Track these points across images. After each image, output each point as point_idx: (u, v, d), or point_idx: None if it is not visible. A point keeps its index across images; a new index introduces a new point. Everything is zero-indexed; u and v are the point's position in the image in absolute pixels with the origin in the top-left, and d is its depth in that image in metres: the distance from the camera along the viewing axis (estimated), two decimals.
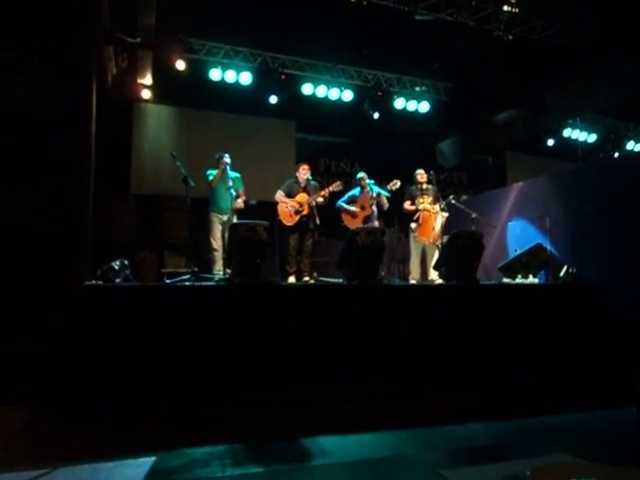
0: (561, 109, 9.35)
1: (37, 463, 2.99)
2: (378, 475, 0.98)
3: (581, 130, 11.17)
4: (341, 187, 6.83)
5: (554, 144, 11.15)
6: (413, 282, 6.79)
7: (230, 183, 6.26)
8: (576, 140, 11.20)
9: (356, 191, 7.19)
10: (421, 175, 7.16)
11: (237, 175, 6.64)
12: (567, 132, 11.06)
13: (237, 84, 8.74)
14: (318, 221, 6.73)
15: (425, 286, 6.08)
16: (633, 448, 2.39)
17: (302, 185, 6.80)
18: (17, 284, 4.84)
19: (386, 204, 7.06)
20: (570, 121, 10.93)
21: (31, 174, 5.22)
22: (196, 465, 3.01)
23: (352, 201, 7.11)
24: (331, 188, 6.73)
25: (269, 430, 3.65)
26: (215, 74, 8.57)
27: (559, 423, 3.81)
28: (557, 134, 11.02)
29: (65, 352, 4.01)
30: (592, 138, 11.32)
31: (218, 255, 6.41)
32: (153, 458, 3.08)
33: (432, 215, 6.83)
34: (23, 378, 4.08)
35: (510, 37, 7.54)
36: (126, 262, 4.78)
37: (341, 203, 7.11)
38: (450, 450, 2.46)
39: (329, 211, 7.10)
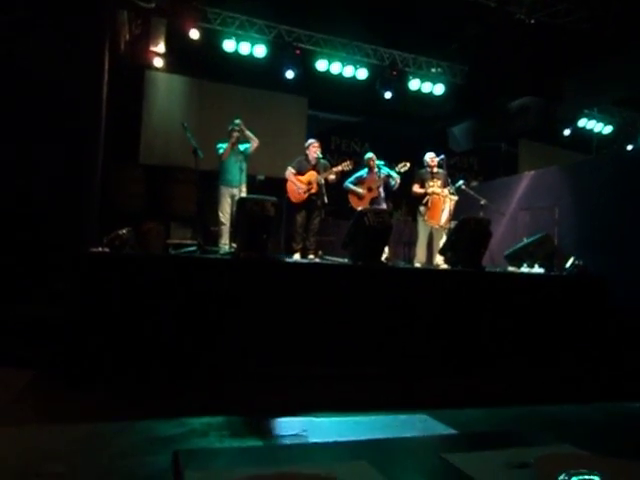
0: (579, 98, 9.17)
1: (38, 423, 3.04)
2: (380, 455, 0.98)
3: (597, 121, 10.95)
4: (351, 167, 6.79)
5: (569, 134, 10.97)
6: (418, 265, 6.77)
7: (240, 157, 6.24)
8: (591, 131, 11.01)
9: (364, 172, 7.13)
10: (431, 158, 7.08)
11: (246, 146, 6.60)
12: (582, 122, 10.84)
13: (251, 56, 8.62)
14: (326, 200, 6.70)
15: (430, 270, 6.06)
16: (635, 443, 2.39)
17: (312, 163, 6.75)
18: (24, 249, 4.85)
19: (396, 184, 6.98)
20: (586, 111, 10.74)
21: (40, 139, 5.20)
22: (194, 435, 3.04)
23: (359, 182, 7.05)
24: (341, 167, 6.69)
25: (268, 404, 3.68)
26: (229, 45, 8.44)
27: (559, 413, 3.82)
28: (572, 124, 10.82)
29: (69, 317, 4.04)
30: (608, 130, 11.11)
31: (225, 229, 6.41)
32: (152, 425, 3.11)
33: (441, 199, 6.78)
34: (28, 341, 4.12)
35: (532, 21, 7.36)
36: (132, 231, 4.78)
37: (348, 184, 7.06)
38: (449, 434, 2.49)
39: (338, 191, 7.06)
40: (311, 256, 6.59)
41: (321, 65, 9.05)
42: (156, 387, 3.82)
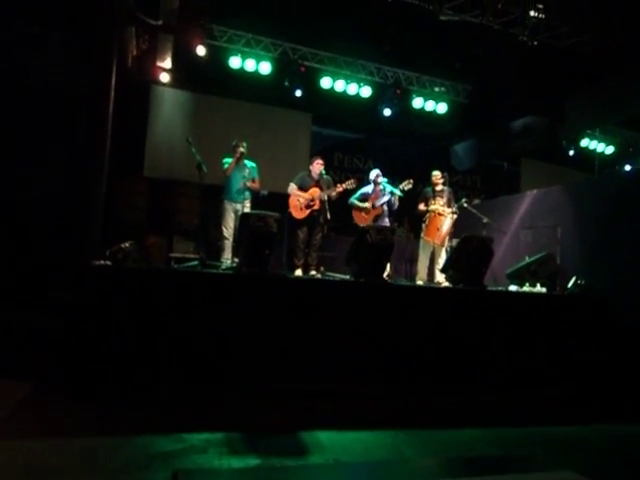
0: (581, 119, 9.24)
1: (38, 437, 3.03)
2: (380, 479, 0.97)
3: (599, 141, 11.03)
4: (354, 185, 6.82)
5: (571, 153, 11.03)
6: (420, 283, 6.77)
7: (245, 172, 6.29)
8: (594, 151, 11.07)
9: (369, 189, 7.17)
10: (436, 177, 7.12)
11: (253, 165, 6.64)
12: (585, 142, 10.92)
13: (256, 73, 8.73)
14: (329, 216, 6.73)
15: (432, 288, 6.06)
16: (634, 466, 2.36)
17: (315, 179, 6.78)
18: (28, 260, 4.87)
19: (396, 204, 7.04)
20: (589, 131, 10.81)
21: (46, 150, 5.25)
22: (193, 451, 3.02)
23: (364, 199, 7.08)
24: (345, 185, 6.72)
25: (267, 421, 3.66)
26: (235, 62, 8.56)
27: (559, 434, 3.79)
28: (575, 144, 10.89)
29: (72, 329, 4.04)
30: (610, 150, 11.19)
31: (228, 243, 6.42)
32: (151, 440, 3.10)
33: (438, 217, 6.80)
34: (29, 353, 4.11)
35: (535, 43, 7.44)
36: (135, 244, 4.79)
37: (353, 200, 7.09)
38: (450, 457, 2.45)
39: (340, 207, 7.09)
40: (313, 272, 6.59)
41: (325, 82, 9.15)
42: (156, 401, 3.80)
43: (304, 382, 4.29)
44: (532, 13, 7.16)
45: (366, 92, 9.38)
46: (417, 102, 9.70)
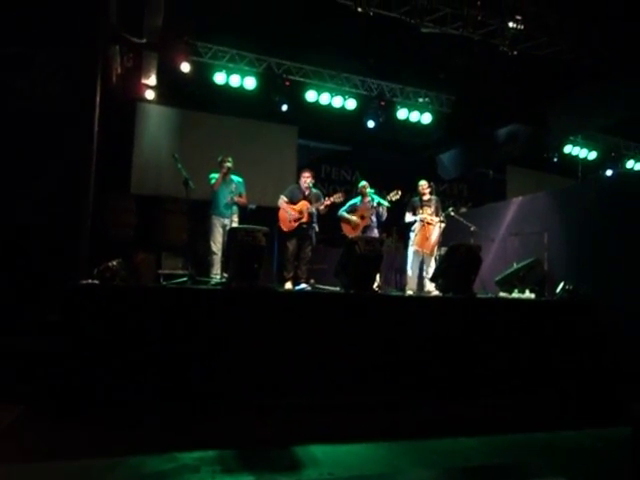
0: (563, 126, 9.39)
1: (26, 460, 2.97)
2: None
3: (582, 147, 11.23)
4: (342, 198, 6.85)
5: (554, 160, 11.20)
6: (410, 293, 6.79)
7: (232, 187, 6.29)
8: (577, 157, 11.25)
9: (357, 200, 7.21)
10: (423, 186, 7.18)
11: (240, 180, 6.65)
12: (568, 148, 11.12)
13: (241, 88, 8.77)
14: (317, 229, 6.74)
15: (422, 297, 6.08)
16: (626, 469, 2.38)
17: (304, 192, 6.80)
18: (13, 280, 4.81)
19: (385, 214, 7.08)
20: (571, 138, 10.98)
21: (31, 170, 5.21)
22: (186, 470, 2.99)
23: (353, 210, 7.12)
24: (333, 199, 6.74)
25: (259, 436, 3.63)
26: (219, 78, 8.60)
27: (552, 440, 3.80)
28: (558, 150, 11.06)
29: (60, 351, 3.99)
30: (592, 155, 11.38)
31: (217, 258, 6.40)
32: (143, 460, 3.06)
33: (427, 226, 6.85)
34: (17, 375, 4.05)
35: (515, 53, 7.56)
36: (123, 262, 4.76)
37: (342, 212, 7.12)
38: (445, 468, 2.45)
39: (329, 219, 7.11)
40: (303, 285, 6.58)
41: (310, 96, 9.22)
42: (147, 420, 3.76)
43: (296, 396, 4.27)
44: (511, 24, 7.28)
45: (351, 104, 9.46)
46: (402, 113, 9.79)
